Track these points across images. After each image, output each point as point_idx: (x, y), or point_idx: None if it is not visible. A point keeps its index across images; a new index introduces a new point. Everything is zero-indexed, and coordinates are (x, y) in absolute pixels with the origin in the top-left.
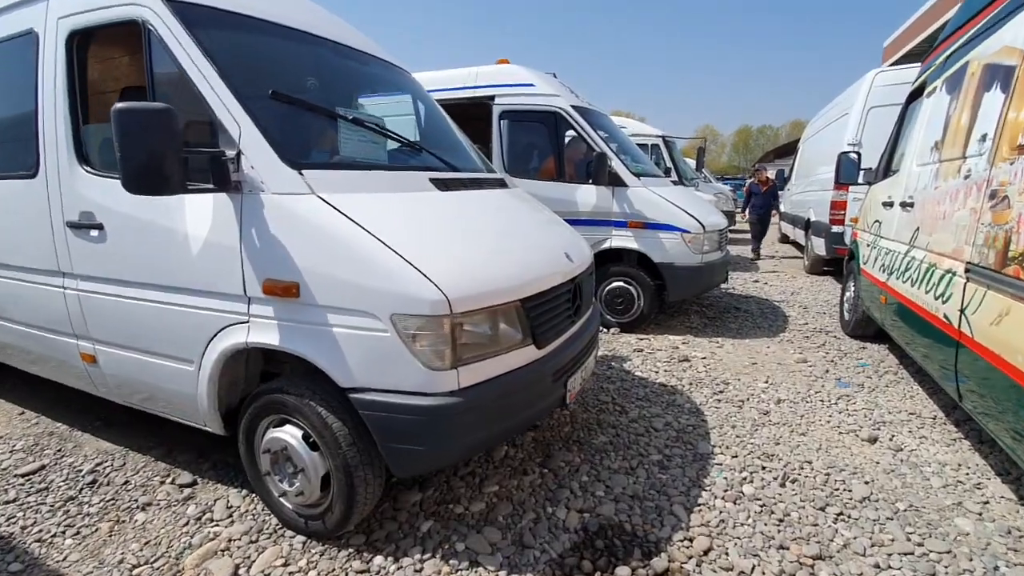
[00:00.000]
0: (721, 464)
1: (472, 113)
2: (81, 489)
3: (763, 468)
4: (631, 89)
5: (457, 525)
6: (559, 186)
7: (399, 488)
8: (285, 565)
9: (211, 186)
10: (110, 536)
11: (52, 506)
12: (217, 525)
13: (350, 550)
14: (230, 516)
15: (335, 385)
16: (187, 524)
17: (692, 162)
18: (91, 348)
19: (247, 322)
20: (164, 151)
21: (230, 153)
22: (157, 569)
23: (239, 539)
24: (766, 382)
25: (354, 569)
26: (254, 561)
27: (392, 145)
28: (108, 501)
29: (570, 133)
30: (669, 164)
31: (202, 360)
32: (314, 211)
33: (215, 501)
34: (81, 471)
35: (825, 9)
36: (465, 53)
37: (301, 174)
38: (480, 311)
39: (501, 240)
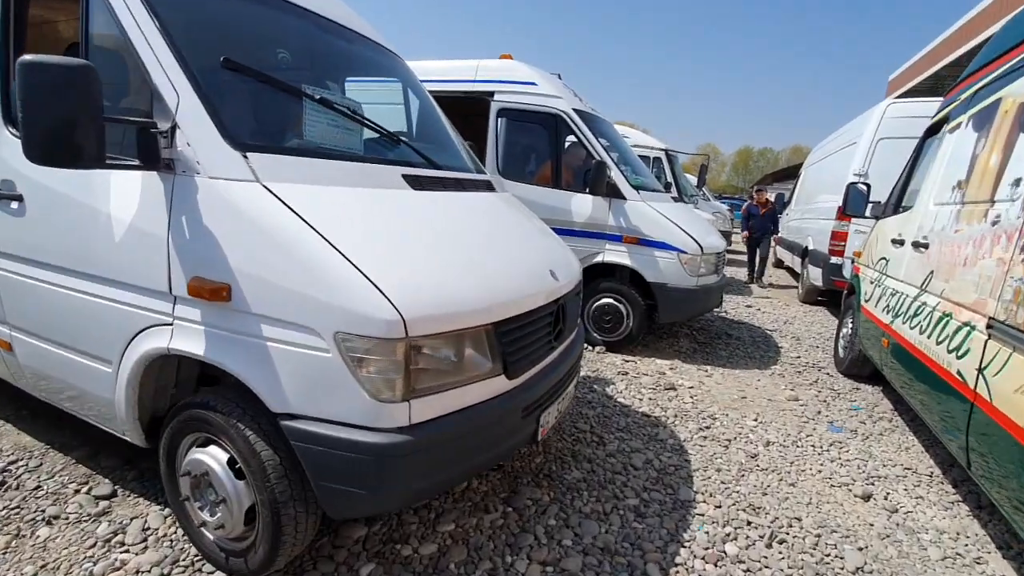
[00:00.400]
0: (703, 515)
1: (470, 109)
2: None
3: (748, 524)
4: (636, 100)
5: (401, 571)
6: (554, 193)
7: (344, 521)
8: None
9: (136, 162)
10: (4, 553)
11: None
12: (127, 551)
13: None
14: (144, 541)
15: (267, 408)
16: (93, 546)
17: (693, 178)
18: (7, 334)
19: (171, 324)
20: (77, 116)
21: (163, 126)
22: None
23: (148, 571)
24: (755, 420)
25: None
26: None
27: (368, 134)
28: (11, 509)
29: (570, 138)
30: (670, 179)
31: (121, 361)
32: (254, 201)
33: (131, 520)
34: None
35: (832, 40)
36: (465, 49)
37: (245, 156)
38: (442, 335)
39: (477, 251)
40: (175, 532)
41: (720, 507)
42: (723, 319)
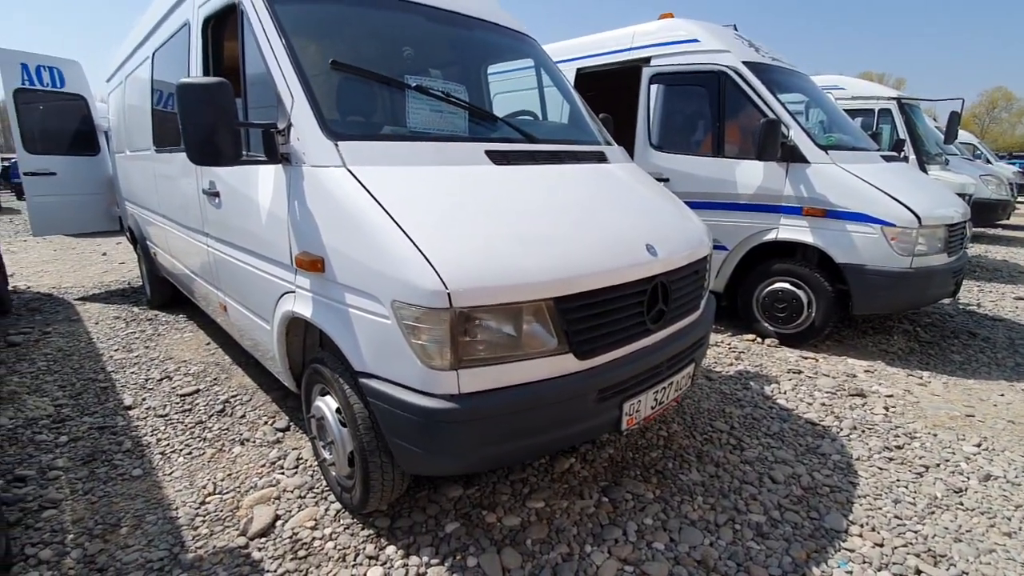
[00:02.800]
0: (852, 551)
1: (626, 81)
2: (211, 416)
3: (918, 573)
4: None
5: (481, 536)
6: (714, 162)
7: (445, 479)
8: (314, 528)
9: (264, 158)
10: (209, 462)
11: (186, 426)
12: (283, 473)
13: (371, 532)
14: (296, 468)
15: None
16: (264, 466)
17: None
18: (223, 298)
19: (294, 292)
20: (217, 124)
21: (282, 125)
22: (224, 500)
23: (291, 492)
24: (978, 446)
25: (366, 553)
26: (292, 516)
27: (471, 116)
28: (223, 430)
29: (738, 97)
30: (903, 134)
31: (272, 320)
32: (339, 183)
33: (292, 450)
34: (219, 399)
35: None
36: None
37: (336, 145)
38: (494, 307)
39: (552, 224)
40: (316, 464)
41: (882, 545)
42: (971, 313)
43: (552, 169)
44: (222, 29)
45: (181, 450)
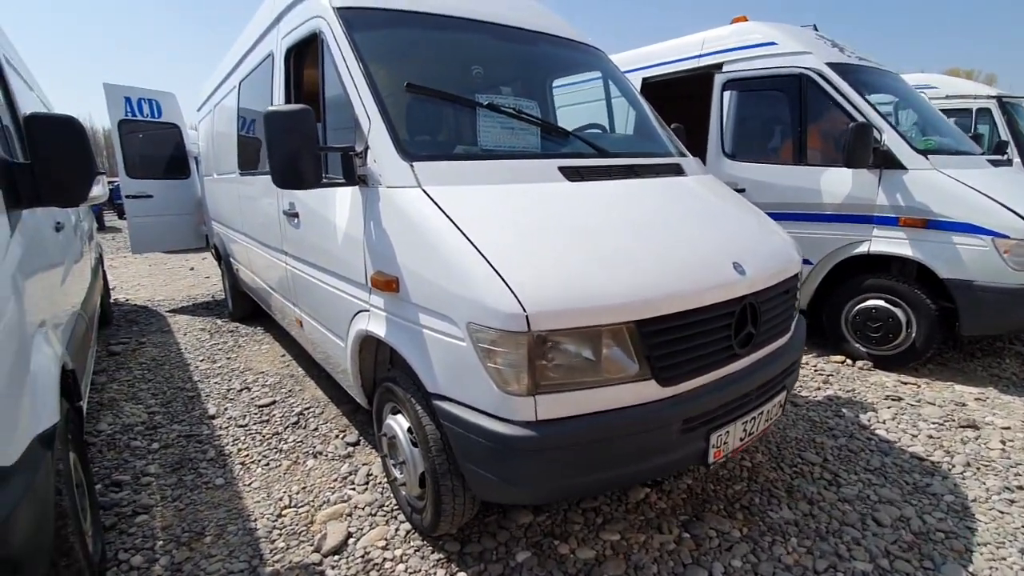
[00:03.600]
0: None
1: (696, 89)
2: (287, 427)
3: None
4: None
5: (555, 568)
6: (796, 171)
7: (515, 505)
8: (385, 548)
9: (343, 180)
10: (285, 473)
11: (264, 437)
12: (354, 489)
13: (441, 556)
14: (367, 484)
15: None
16: (335, 480)
17: None
18: (299, 314)
19: (368, 310)
20: (299, 149)
21: (359, 148)
22: (299, 514)
23: (363, 508)
24: None
25: None
26: (364, 534)
27: (543, 132)
28: (298, 442)
29: (822, 101)
30: (1006, 135)
31: (347, 338)
32: (414, 204)
33: (363, 465)
34: (294, 411)
35: None
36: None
37: (412, 166)
38: (573, 331)
39: (631, 241)
40: (387, 482)
41: None
42: None
43: (628, 184)
44: (303, 58)
45: (259, 460)
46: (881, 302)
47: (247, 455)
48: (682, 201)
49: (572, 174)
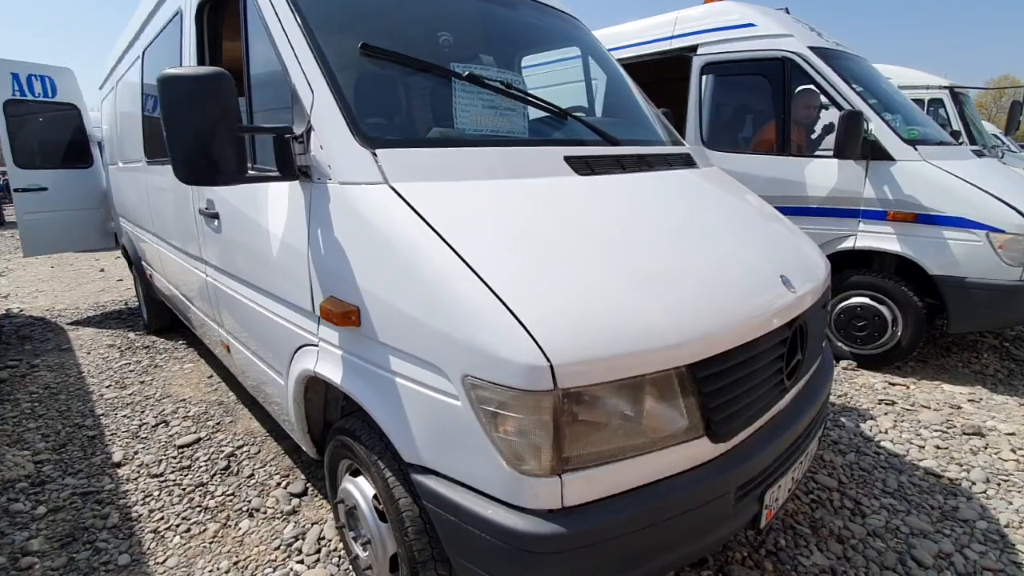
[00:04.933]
0: None
1: (668, 73)
2: (214, 475)
3: None
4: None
5: None
6: (779, 161)
7: None
8: None
9: (275, 173)
10: (211, 543)
11: (184, 490)
12: (302, 561)
13: None
14: (317, 552)
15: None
16: (278, 548)
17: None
18: (226, 336)
19: (317, 345)
20: (213, 129)
21: (299, 130)
22: None
23: None
24: None
25: None
26: None
27: (535, 113)
28: (228, 495)
29: (805, 87)
30: (958, 126)
31: (287, 376)
32: (380, 207)
33: (312, 525)
34: (223, 451)
35: None
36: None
37: (374, 154)
38: (610, 384)
39: (667, 255)
40: (342, 550)
41: None
42: None
43: (643, 178)
44: (220, 15)
45: (178, 525)
46: (866, 300)
47: (162, 517)
48: (708, 200)
49: (581, 166)
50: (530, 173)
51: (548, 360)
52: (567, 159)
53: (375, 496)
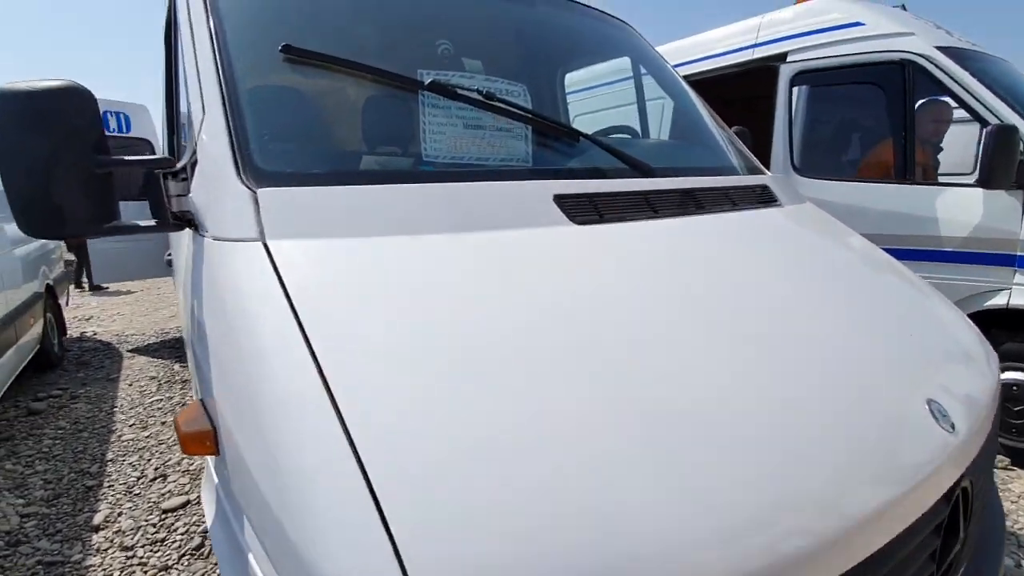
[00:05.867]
0: None
1: (750, 90)
2: (183, 555)
3: None
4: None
5: None
6: (900, 190)
7: None
8: None
9: (151, 223)
10: None
11: (145, 573)
12: None
13: None
14: None
15: None
16: None
17: None
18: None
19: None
20: (52, 161)
21: (182, 162)
22: None
23: None
24: None
25: None
26: None
27: (530, 133)
28: None
29: (932, 97)
30: None
31: None
32: (237, 283)
33: None
34: (200, 526)
35: None
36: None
37: (254, 196)
38: None
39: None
40: None
41: None
42: None
43: (686, 227)
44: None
45: None
46: (1023, 376)
47: None
48: (795, 265)
49: (581, 209)
50: (495, 223)
51: None
52: (558, 199)
53: None
